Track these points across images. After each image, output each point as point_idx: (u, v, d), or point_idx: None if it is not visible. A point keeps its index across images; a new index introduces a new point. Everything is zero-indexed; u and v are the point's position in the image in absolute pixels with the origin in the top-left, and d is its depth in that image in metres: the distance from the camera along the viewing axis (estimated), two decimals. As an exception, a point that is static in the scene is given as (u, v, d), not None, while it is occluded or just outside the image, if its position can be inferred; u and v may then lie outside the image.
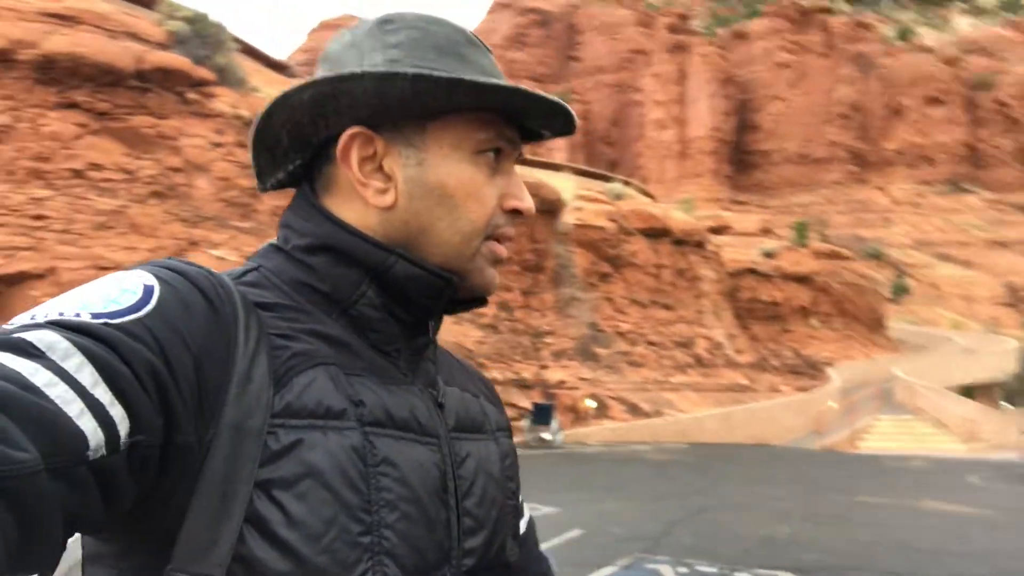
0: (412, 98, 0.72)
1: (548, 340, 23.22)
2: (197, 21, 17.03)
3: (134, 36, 15.55)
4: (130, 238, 13.60)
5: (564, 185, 27.21)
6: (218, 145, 15.74)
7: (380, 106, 0.73)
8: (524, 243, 23.27)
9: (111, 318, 0.58)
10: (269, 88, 17.69)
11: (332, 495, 0.64)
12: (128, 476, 0.56)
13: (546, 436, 18.32)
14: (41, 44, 13.90)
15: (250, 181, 15.83)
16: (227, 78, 17.05)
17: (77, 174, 13.82)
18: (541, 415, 18.82)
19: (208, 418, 0.62)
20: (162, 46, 15.96)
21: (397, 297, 0.76)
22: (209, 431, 0.62)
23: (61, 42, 14.13)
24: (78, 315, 0.58)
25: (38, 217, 12.84)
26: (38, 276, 12.24)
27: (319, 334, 0.72)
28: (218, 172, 15.56)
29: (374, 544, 0.66)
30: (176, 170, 15.09)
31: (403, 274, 0.75)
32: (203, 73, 16.20)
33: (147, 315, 0.60)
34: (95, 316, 0.58)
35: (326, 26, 77.79)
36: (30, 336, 0.54)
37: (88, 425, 0.52)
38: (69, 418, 0.52)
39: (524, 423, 18.91)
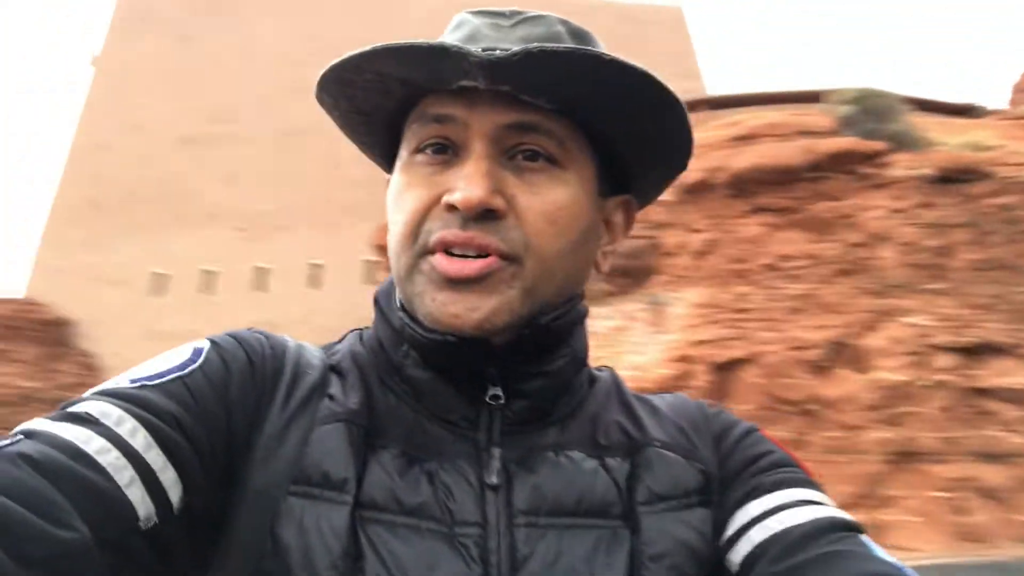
0: (351, 113, 0.70)
1: None
2: (863, 98, 17.34)
3: (805, 132, 16.87)
4: (821, 318, 14.39)
5: None
6: (899, 211, 15.41)
7: (365, 131, 0.72)
8: None
9: (149, 380, 0.59)
10: (951, 137, 16.49)
11: None
12: (185, 536, 0.56)
13: None
14: (729, 165, 16.46)
15: (937, 240, 14.88)
16: (903, 142, 16.67)
17: (769, 268, 15.54)
18: None
19: (233, 479, 0.61)
20: (831, 133, 16.80)
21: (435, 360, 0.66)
22: (234, 491, 0.60)
23: (744, 159, 16.46)
24: (118, 383, 0.59)
25: (741, 311, 14.89)
26: (745, 361, 14.10)
27: (368, 396, 0.67)
28: (901, 237, 15.16)
29: None
30: (859, 245, 15.37)
31: (409, 336, 0.65)
32: (874, 145, 16.31)
33: (189, 373, 0.61)
34: (133, 381, 0.59)
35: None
36: (83, 407, 0.56)
37: (136, 494, 0.52)
38: (119, 488, 0.51)
39: None
